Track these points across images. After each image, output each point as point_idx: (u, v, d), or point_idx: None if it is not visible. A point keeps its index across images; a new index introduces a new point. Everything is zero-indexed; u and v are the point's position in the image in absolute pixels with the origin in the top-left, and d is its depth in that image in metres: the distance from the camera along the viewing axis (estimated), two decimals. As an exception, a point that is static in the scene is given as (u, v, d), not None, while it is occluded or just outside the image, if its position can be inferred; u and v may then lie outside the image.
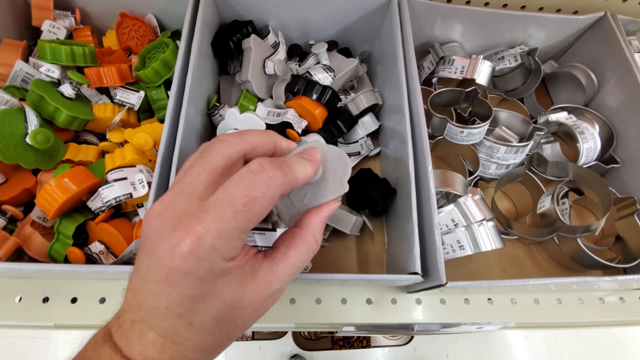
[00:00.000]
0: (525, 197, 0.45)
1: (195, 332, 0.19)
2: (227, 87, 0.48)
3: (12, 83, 0.39)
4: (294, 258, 0.21)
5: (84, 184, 0.32)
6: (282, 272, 0.21)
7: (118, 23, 0.45)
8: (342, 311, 0.39)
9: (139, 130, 0.38)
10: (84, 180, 0.32)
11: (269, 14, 0.47)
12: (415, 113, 0.37)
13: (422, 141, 0.35)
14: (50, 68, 0.37)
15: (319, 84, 0.40)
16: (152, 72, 0.40)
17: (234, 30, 0.44)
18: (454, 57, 0.44)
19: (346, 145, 0.44)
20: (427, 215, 0.33)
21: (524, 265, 0.43)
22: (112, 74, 0.39)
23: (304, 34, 0.49)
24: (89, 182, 0.32)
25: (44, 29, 0.42)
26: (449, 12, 0.46)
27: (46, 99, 0.35)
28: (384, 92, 0.45)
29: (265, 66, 0.44)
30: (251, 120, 0.40)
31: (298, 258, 0.21)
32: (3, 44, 0.40)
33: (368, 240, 0.43)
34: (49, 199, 0.31)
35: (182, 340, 0.19)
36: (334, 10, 0.46)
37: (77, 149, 0.39)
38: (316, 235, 0.23)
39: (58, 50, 0.38)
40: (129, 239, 0.35)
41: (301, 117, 0.43)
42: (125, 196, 0.33)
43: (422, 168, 0.34)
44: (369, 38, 0.50)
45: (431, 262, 0.32)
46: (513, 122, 0.44)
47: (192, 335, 0.19)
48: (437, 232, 0.32)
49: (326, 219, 0.23)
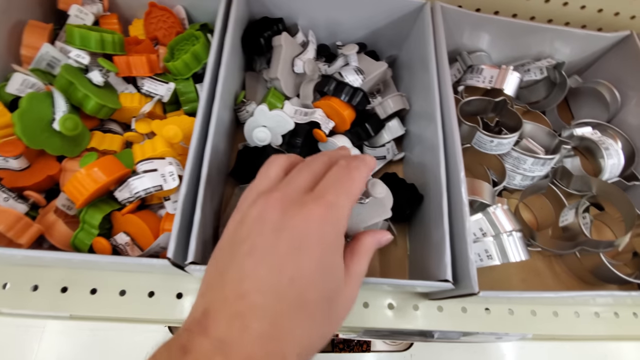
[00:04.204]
0: (547, 209, 0.45)
1: (306, 315, 0.18)
2: (253, 83, 0.48)
3: (37, 66, 0.38)
4: (358, 266, 0.22)
5: (115, 174, 0.31)
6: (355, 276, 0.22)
7: (147, 12, 0.44)
8: (364, 315, 0.38)
9: (168, 122, 0.37)
10: (115, 170, 0.31)
11: (298, 12, 0.47)
12: (447, 120, 0.37)
13: (455, 148, 0.35)
14: (79, 54, 0.36)
15: (349, 86, 0.40)
16: (182, 64, 0.40)
17: (264, 27, 0.44)
18: (482, 67, 0.44)
19: (372, 148, 0.44)
20: (457, 223, 0.33)
21: (544, 277, 0.43)
22: (142, 64, 0.39)
23: (332, 35, 0.49)
24: (119, 172, 0.31)
25: (71, 14, 0.41)
26: (479, 21, 0.46)
27: (76, 85, 0.35)
28: (411, 98, 0.45)
29: (294, 64, 0.44)
30: (280, 118, 0.39)
31: (361, 267, 0.22)
32: (28, 26, 0.39)
33: (390, 245, 0.42)
34: (79, 187, 0.30)
35: (289, 328, 0.17)
36: (365, 12, 0.46)
37: (102, 138, 0.38)
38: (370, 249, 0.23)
39: (87, 36, 0.37)
40: (155, 231, 0.34)
41: (329, 118, 0.42)
42: (155, 188, 0.32)
43: (454, 175, 0.34)
44: (396, 42, 0.49)
45: (461, 271, 0.32)
46: (538, 134, 0.45)
47: (302, 320, 0.18)
48: (469, 240, 0.31)
49: (377, 243, 0.24)
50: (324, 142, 0.42)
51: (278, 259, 0.18)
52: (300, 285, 0.18)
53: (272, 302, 0.17)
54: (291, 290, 0.17)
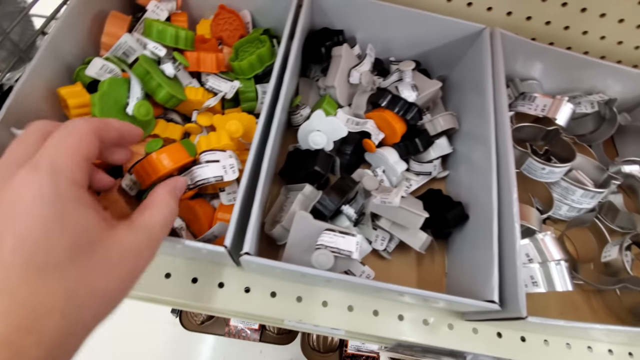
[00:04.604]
0: (590, 243, 0.44)
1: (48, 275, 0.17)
2: (306, 89, 0.49)
3: (114, 54, 0.40)
4: (148, 217, 0.23)
5: (182, 161, 0.32)
6: (142, 224, 0.22)
7: (216, 14, 0.47)
8: (398, 327, 0.38)
9: (230, 117, 0.39)
10: (182, 158, 0.33)
11: (358, 26, 0.48)
12: (501, 143, 0.37)
13: (509, 172, 0.35)
14: (157, 46, 0.39)
15: (404, 100, 0.41)
16: (247, 64, 0.42)
17: (326, 37, 0.46)
18: (535, 95, 0.45)
19: (419, 164, 0.44)
20: (507, 245, 0.33)
21: (581, 312, 0.43)
22: (211, 61, 0.41)
23: (385, 50, 0.50)
24: (185, 159, 0.33)
25: (149, 9, 0.44)
26: (534, 50, 0.47)
27: (152, 74, 0.37)
28: (460, 118, 0.46)
29: (350, 75, 0.45)
30: (335, 124, 0.40)
31: (153, 217, 0.23)
32: (111, 16, 0.42)
33: (427, 261, 0.42)
34: (149, 170, 0.31)
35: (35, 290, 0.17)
36: (420, 32, 0.47)
37: (165, 126, 0.40)
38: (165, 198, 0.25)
39: (164, 30, 0.40)
40: (208, 220, 0.36)
41: (379, 130, 0.43)
42: (216, 178, 0.34)
43: (506, 199, 0.35)
44: (448, 63, 0.50)
45: (509, 293, 0.32)
46: (586, 167, 0.45)
47: (45, 281, 0.17)
48: (519, 263, 0.31)
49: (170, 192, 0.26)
50: (373, 152, 0.43)
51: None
52: (25, 250, 0.17)
53: (2, 274, 0.17)
54: (17, 258, 0.17)
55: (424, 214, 0.35)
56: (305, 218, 0.34)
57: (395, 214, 0.36)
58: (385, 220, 0.38)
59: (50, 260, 0.18)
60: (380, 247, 0.39)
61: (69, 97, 0.35)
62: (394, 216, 0.36)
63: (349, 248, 0.33)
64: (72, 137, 0.21)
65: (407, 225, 0.36)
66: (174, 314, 1.10)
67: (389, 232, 0.39)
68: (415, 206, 0.36)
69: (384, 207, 0.36)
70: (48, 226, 0.18)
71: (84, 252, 0.19)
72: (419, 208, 0.36)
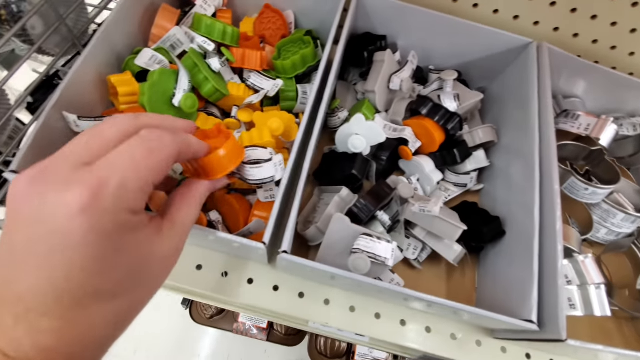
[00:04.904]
0: (625, 269, 0.43)
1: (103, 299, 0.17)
2: (343, 92, 0.49)
3: (162, 45, 0.41)
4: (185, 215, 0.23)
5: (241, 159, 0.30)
6: (180, 224, 0.22)
7: (261, 12, 0.47)
8: (425, 340, 0.38)
9: (272, 115, 0.39)
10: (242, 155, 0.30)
11: (400, 32, 0.48)
12: (545, 161, 0.36)
13: (553, 190, 0.34)
14: (206, 40, 0.39)
15: (446, 109, 0.41)
16: (290, 64, 0.42)
17: (369, 42, 0.46)
18: (579, 113, 0.44)
19: (455, 175, 0.44)
20: (547, 265, 0.33)
21: (613, 339, 0.41)
22: (255, 59, 0.41)
23: (425, 59, 0.50)
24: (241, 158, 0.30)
25: (197, 3, 0.44)
26: (579, 67, 0.46)
27: (199, 68, 0.37)
28: (500, 132, 0.45)
29: (390, 81, 0.45)
30: (374, 129, 0.40)
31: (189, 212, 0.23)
32: (162, 9, 0.43)
33: (458, 274, 0.42)
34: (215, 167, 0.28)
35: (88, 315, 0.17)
36: (465, 42, 0.47)
37: (206, 119, 0.40)
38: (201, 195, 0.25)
39: (213, 25, 0.40)
40: (245, 215, 0.36)
41: (417, 138, 0.43)
42: (270, 178, 0.33)
43: (548, 218, 0.34)
44: (488, 75, 0.50)
45: (547, 314, 0.31)
46: (627, 190, 0.43)
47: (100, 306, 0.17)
48: (561, 284, 0.31)
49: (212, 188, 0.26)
50: (409, 160, 0.43)
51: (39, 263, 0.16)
52: (78, 282, 0.16)
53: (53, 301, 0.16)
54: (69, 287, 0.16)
55: (462, 226, 0.35)
56: (342, 221, 0.34)
57: (431, 224, 0.36)
58: (420, 229, 0.38)
59: (103, 291, 0.17)
60: (411, 256, 0.39)
61: (119, 85, 0.36)
62: (430, 226, 0.36)
63: (385, 255, 0.32)
64: (154, 158, 0.19)
65: (443, 236, 0.36)
66: (184, 305, 1.10)
67: (422, 242, 0.39)
68: (452, 217, 0.36)
69: (421, 216, 0.36)
70: (104, 260, 0.17)
71: (135, 279, 0.19)
72: (456, 220, 0.36)
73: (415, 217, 0.37)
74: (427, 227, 0.36)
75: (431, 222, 0.36)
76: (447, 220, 0.35)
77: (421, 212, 0.35)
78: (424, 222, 0.36)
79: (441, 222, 0.35)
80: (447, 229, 0.35)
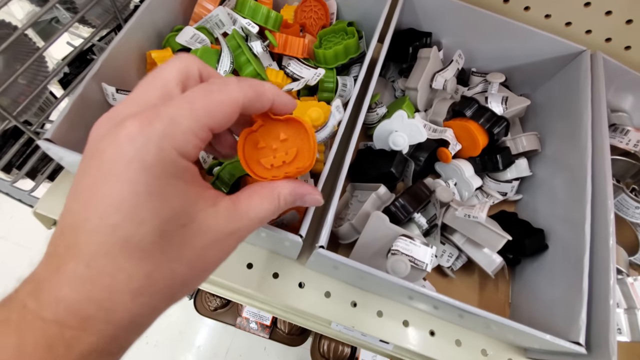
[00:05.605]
0: (669, 296, 0.41)
1: (131, 254, 0.15)
2: (381, 88, 0.48)
3: (203, 25, 0.40)
4: (257, 204, 0.19)
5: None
6: (244, 211, 0.19)
7: (303, 0, 0.46)
8: (455, 353, 0.36)
9: (311, 105, 0.38)
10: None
11: (445, 30, 0.46)
12: (598, 176, 0.34)
13: (606, 207, 0.32)
14: (250, 22, 0.38)
15: (493, 112, 0.39)
16: (332, 53, 0.40)
17: (414, 38, 0.44)
18: (629, 128, 0.42)
19: (496, 182, 0.42)
20: (597, 285, 0.31)
21: (651, 370, 0.39)
22: (298, 46, 0.40)
23: (469, 60, 0.48)
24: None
25: (240, -15, 0.43)
26: (630, 81, 0.44)
27: (243, 49, 0.36)
28: (544, 141, 0.43)
29: (434, 79, 0.43)
30: (415, 128, 0.38)
31: (262, 206, 0.20)
32: (205, -12, 0.41)
33: (491, 286, 0.40)
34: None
35: (110, 269, 0.15)
36: (512, 45, 0.45)
37: (243, 105, 0.39)
38: (282, 195, 0.21)
39: (257, 8, 0.39)
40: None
41: (457, 140, 0.41)
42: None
43: (600, 236, 0.32)
44: (532, 81, 0.48)
45: (595, 337, 0.29)
46: (675, 213, 0.41)
47: (127, 260, 0.15)
48: (612, 306, 0.29)
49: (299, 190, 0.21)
50: (448, 162, 0.41)
51: (85, 193, 0.16)
52: (112, 220, 0.15)
53: (84, 240, 0.15)
54: (102, 226, 0.15)
55: (506, 236, 0.33)
56: (381, 220, 0.32)
57: (474, 231, 0.34)
58: (459, 236, 0.36)
59: (136, 239, 0.15)
60: (446, 263, 0.37)
61: (160, 60, 0.35)
62: (471, 233, 0.34)
63: (424, 259, 0.30)
64: (213, 98, 0.17)
65: (484, 245, 0.34)
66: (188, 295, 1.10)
67: (458, 249, 0.37)
68: (494, 226, 0.34)
69: (463, 221, 0.34)
70: (141, 200, 0.15)
71: (174, 236, 0.16)
72: (499, 228, 0.34)
73: (456, 222, 0.35)
74: (468, 234, 0.35)
75: (473, 229, 0.34)
76: (491, 228, 0.33)
77: (465, 218, 0.33)
78: (465, 228, 0.34)
79: (485, 230, 0.33)
80: (490, 237, 0.33)
